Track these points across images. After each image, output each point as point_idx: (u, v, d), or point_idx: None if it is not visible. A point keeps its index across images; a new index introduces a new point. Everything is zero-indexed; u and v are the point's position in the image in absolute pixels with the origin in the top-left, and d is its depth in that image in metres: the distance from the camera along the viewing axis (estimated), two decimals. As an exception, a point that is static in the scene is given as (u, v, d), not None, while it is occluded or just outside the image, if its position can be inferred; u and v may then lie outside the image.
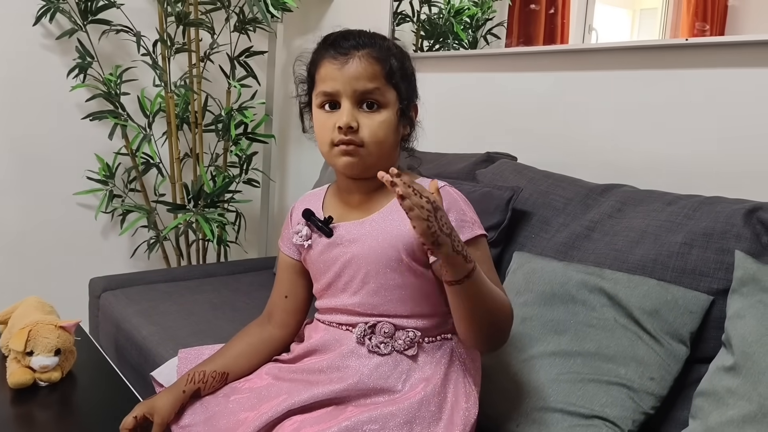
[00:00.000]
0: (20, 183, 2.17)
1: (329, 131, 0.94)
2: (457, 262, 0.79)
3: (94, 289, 1.79)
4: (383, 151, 0.95)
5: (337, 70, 0.93)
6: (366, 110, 0.93)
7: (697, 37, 1.35)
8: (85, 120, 2.17)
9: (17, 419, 1.12)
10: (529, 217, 1.39)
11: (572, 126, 1.61)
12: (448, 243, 0.77)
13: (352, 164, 0.94)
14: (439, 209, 0.77)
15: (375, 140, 0.93)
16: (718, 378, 0.94)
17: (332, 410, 0.90)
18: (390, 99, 0.94)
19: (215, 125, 2.27)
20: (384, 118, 0.94)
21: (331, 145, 0.94)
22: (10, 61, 2.08)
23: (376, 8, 2.15)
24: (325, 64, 0.95)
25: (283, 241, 1.11)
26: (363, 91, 0.92)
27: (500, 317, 0.89)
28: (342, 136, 0.92)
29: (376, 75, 0.93)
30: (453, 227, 0.79)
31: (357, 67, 0.92)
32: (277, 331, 1.08)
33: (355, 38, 0.95)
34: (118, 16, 2.13)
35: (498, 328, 0.90)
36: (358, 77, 0.92)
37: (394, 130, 0.95)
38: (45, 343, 1.18)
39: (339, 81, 0.93)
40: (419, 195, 0.75)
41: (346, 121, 0.92)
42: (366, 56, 0.93)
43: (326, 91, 0.94)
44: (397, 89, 0.95)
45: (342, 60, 0.93)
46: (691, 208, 1.16)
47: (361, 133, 0.92)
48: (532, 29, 1.73)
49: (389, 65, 0.94)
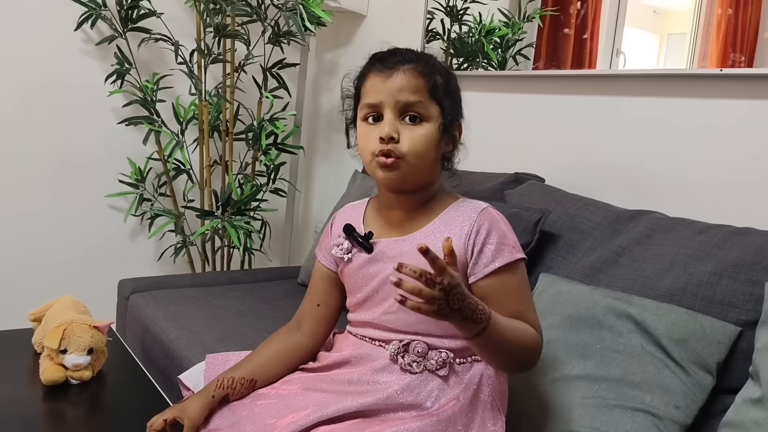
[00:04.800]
0: (55, 183, 2.22)
1: (371, 143, 0.96)
2: (467, 326, 0.82)
3: (123, 290, 1.83)
4: (423, 165, 0.96)
5: (382, 82, 0.95)
6: (408, 123, 0.95)
7: (731, 68, 1.36)
8: (120, 125, 2.22)
9: (49, 415, 1.15)
10: (557, 239, 1.39)
11: (600, 150, 1.62)
12: (457, 316, 0.79)
13: (391, 178, 0.96)
14: (453, 289, 0.77)
15: (415, 153, 0.94)
16: (744, 410, 0.94)
17: (359, 423, 0.92)
18: (432, 113, 0.96)
19: (245, 134, 2.31)
20: (425, 132, 0.95)
21: (372, 156, 0.96)
22: (50, 64, 2.14)
23: (409, 25, 2.19)
24: (370, 78, 0.98)
25: (320, 251, 1.12)
26: (406, 103, 0.94)
27: (523, 353, 0.91)
28: (383, 147, 0.94)
29: (420, 88, 0.95)
30: (465, 296, 0.79)
31: (401, 79, 0.94)
32: (306, 339, 1.10)
33: (402, 54, 0.97)
34: (157, 25, 2.19)
35: (522, 361, 0.93)
36: (401, 89, 0.94)
37: (435, 145, 0.96)
38: (79, 342, 1.21)
39: (383, 93, 0.95)
40: (432, 284, 0.76)
41: (388, 131, 0.93)
42: (411, 70, 0.95)
43: (370, 102, 0.97)
44: (441, 105, 0.96)
45: (387, 73, 0.95)
46: (721, 237, 1.16)
47: (402, 144, 0.94)
48: (560, 52, 1.75)
49: (433, 80, 0.96)
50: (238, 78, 2.30)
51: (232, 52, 2.23)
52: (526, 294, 0.97)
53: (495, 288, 0.94)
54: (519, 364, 0.93)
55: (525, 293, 0.96)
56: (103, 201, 2.30)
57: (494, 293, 0.92)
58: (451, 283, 0.77)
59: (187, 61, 2.17)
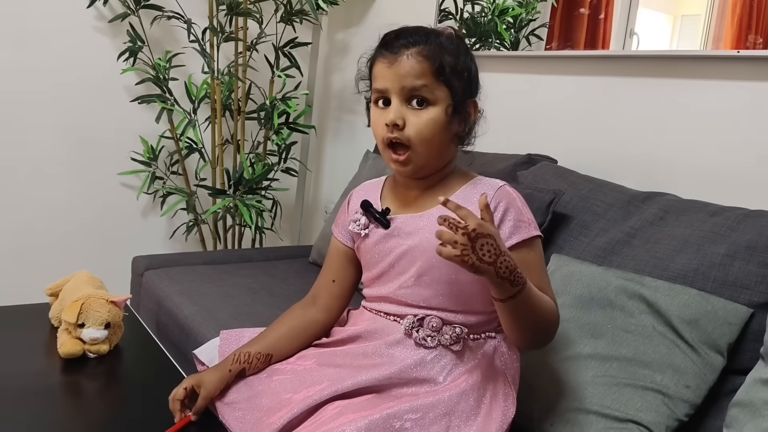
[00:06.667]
0: (69, 161, 2.24)
1: (380, 128, 0.97)
2: (503, 286, 0.82)
3: (137, 267, 1.85)
4: (432, 150, 0.97)
5: (387, 68, 0.95)
6: (415, 107, 0.95)
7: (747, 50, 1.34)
8: (132, 103, 2.23)
9: (67, 387, 1.17)
10: (569, 220, 1.40)
11: (613, 131, 1.61)
12: (491, 271, 0.80)
13: (404, 171, 0.98)
14: (481, 238, 0.78)
15: (421, 138, 0.95)
16: (755, 390, 0.95)
17: (373, 398, 0.93)
18: (439, 96, 0.95)
19: (257, 113, 2.31)
20: (432, 116, 0.95)
21: (384, 144, 0.97)
22: (63, 41, 2.14)
23: (422, 4, 2.17)
24: (378, 63, 0.98)
25: (337, 227, 1.14)
26: (410, 88, 0.94)
27: (546, 324, 0.92)
28: (389, 134, 0.95)
29: (424, 72, 0.94)
30: (501, 252, 0.80)
31: (405, 65, 0.94)
32: (321, 314, 1.11)
33: (407, 37, 0.96)
34: (169, 2, 2.19)
35: (543, 333, 0.94)
36: (405, 75, 0.94)
37: (443, 128, 0.96)
38: (96, 317, 1.23)
39: (388, 79, 0.95)
40: (455, 228, 0.77)
41: (392, 117, 0.94)
42: (415, 54, 0.94)
43: (378, 88, 0.97)
44: (449, 86, 0.96)
45: (392, 58, 0.95)
46: (735, 220, 1.16)
47: (407, 130, 0.94)
48: (574, 32, 1.73)
49: (439, 62, 0.95)
50: (250, 57, 2.30)
51: (244, 31, 2.23)
52: (544, 270, 0.98)
53: None
54: (538, 337, 0.94)
55: (542, 269, 0.97)
56: (116, 179, 2.32)
57: None
58: (477, 230, 0.78)
59: (199, 39, 2.16)
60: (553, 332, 0.94)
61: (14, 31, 2.06)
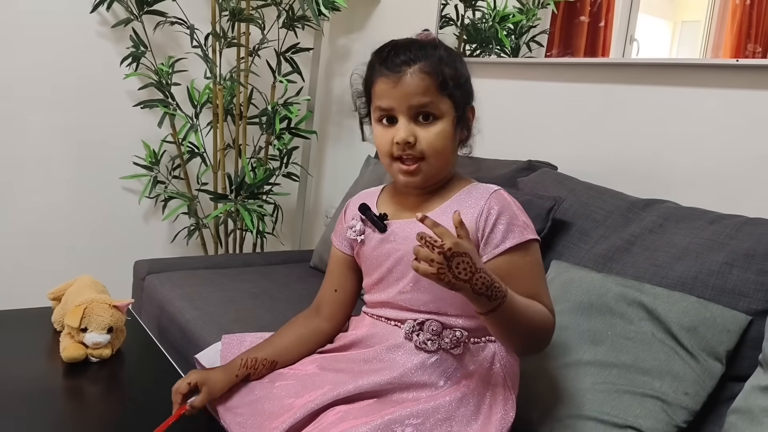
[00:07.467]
0: (71, 165, 2.25)
1: (388, 145, 0.98)
2: (480, 301, 0.83)
3: (139, 271, 1.86)
4: (443, 161, 0.99)
5: (392, 88, 0.96)
6: (422, 122, 0.96)
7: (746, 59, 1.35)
8: (135, 107, 2.24)
9: (69, 391, 1.18)
10: (569, 227, 1.41)
11: (613, 138, 1.62)
12: (468, 288, 0.80)
13: (413, 182, 0.99)
14: (457, 257, 0.79)
15: (433, 151, 0.96)
16: (753, 397, 0.95)
17: (374, 403, 0.94)
18: (445, 109, 0.97)
19: (259, 118, 2.32)
20: (440, 129, 0.96)
21: (391, 158, 0.98)
22: (66, 46, 2.15)
23: (423, 11, 2.18)
24: (379, 82, 0.98)
25: (336, 236, 1.14)
26: (417, 105, 0.95)
27: (536, 331, 0.92)
28: (400, 152, 0.96)
29: (429, 88, 0.95)
30: (477, 269, 0.80)
31: (410, 83, 0.95)
32: (325, 324, 1.12)
33: (405, 53, 0.96)
34: (172, 8, 2.20)
35: (535, 340, 0.94)
36: (411, 93, 0.95)
37: (452, 138, 0.98)
38: (99, 321, 1.24)
39: (394, 98, 0.96)
40: (431, 247, 0.78)
41: (404, 137, 0.95)
42: (417, 71, 0.95)
43: (382, 106, 0.98)
44: (452, 98, 0.97)
45: (394, 78, 0.96)
46: (733, 228, 1.17)
47: (419, 145, 0.96)
48: (575, 39, 1.74)
49: (441, 76, 0.96)
50: (252, 62, 2.31)
51: (246, 36, 2.24)
52: (540, 275, 0.98)
53: (506, 268, 0.94)
54: (530, 344, 0.95)
55: (538, 274, 0.98)
56: (118, 183, 2.33)
57: (506, 274, 0.93)
58: (453, 249, 0.78)
59: (202, 44, 2.18)
60: (547, 338, 0.95)
61: (17, 35, 2.07)
